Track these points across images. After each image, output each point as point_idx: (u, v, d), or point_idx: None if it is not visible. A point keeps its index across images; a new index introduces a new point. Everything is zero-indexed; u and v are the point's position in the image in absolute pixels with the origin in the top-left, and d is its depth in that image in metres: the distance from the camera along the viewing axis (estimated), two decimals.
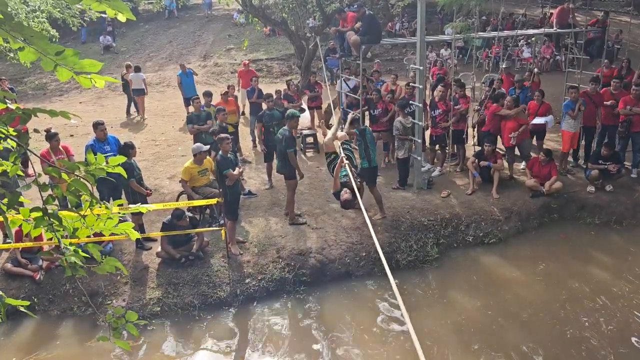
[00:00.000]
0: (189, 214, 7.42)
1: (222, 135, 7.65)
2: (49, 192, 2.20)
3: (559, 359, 5.82)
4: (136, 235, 2.48)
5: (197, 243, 7.42)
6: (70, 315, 6.79)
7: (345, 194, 5.72)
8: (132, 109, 15.17)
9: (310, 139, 11.65)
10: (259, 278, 7.20)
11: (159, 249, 7.36)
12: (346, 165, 5.34)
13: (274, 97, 10.75)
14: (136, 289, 7.00)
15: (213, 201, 7.37)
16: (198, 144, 8.15)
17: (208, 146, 8.25)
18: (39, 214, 2.14)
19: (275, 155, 8.70)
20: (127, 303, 6.77)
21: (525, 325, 6.46)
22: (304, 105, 12.75)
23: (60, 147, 7.96)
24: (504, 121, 9.38)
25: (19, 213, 2.31)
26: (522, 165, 9.81)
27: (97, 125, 7.89)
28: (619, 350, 5.93)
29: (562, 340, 6.12)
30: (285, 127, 7.92)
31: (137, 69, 14.79)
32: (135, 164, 7.77)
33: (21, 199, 2.24)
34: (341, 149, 5.78)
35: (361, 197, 5.45)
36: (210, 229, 7.72)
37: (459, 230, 8.34)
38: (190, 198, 7.82)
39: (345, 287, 7.36)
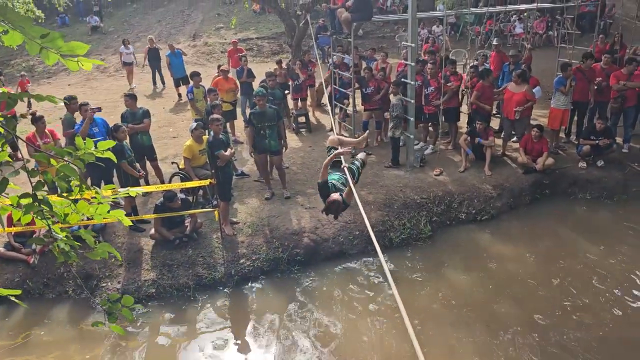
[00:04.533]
0: (181, 195, 7.41)
1: (214, 116, 7.59)
2: (38, 177, 2.18)
3: (551, 333, 5.90)
4: (128, 222, 2.47)
5: (191, 224, 7.42)
6: (65, 298, 6.80)
7: (334, 196, 4.85)
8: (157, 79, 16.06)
9: (302, 119, 11.58)
10: (253, 258, 7.22)
11: (153, 231, 7.36)
12: (345, 169, 4.91)
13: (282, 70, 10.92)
14: (131, 271, 7.01)
15: (206, 182, 7.34)
16: (192, 123, 8.28)
17: (199, 123, 8.11)
18: (29, 200, 2.11)
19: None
20: (122, 285, 6.79)
21: (517, 300, 6.53)
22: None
23: (46, 130, 7.88)
24: (511, 93, 9.30)
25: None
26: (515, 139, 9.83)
27: (81, 107, 7.82)
28: (611, 324, 6.02)
29: (553, 315, 6.20)
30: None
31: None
32: (127, 146, 7.72)
33: (11, 185, 2.20)
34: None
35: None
36: (204, 210, 7.71)
37: (451, 207, 8.38)
38: (186, 179, 7.80)
39: (340, 266, 7.40)
